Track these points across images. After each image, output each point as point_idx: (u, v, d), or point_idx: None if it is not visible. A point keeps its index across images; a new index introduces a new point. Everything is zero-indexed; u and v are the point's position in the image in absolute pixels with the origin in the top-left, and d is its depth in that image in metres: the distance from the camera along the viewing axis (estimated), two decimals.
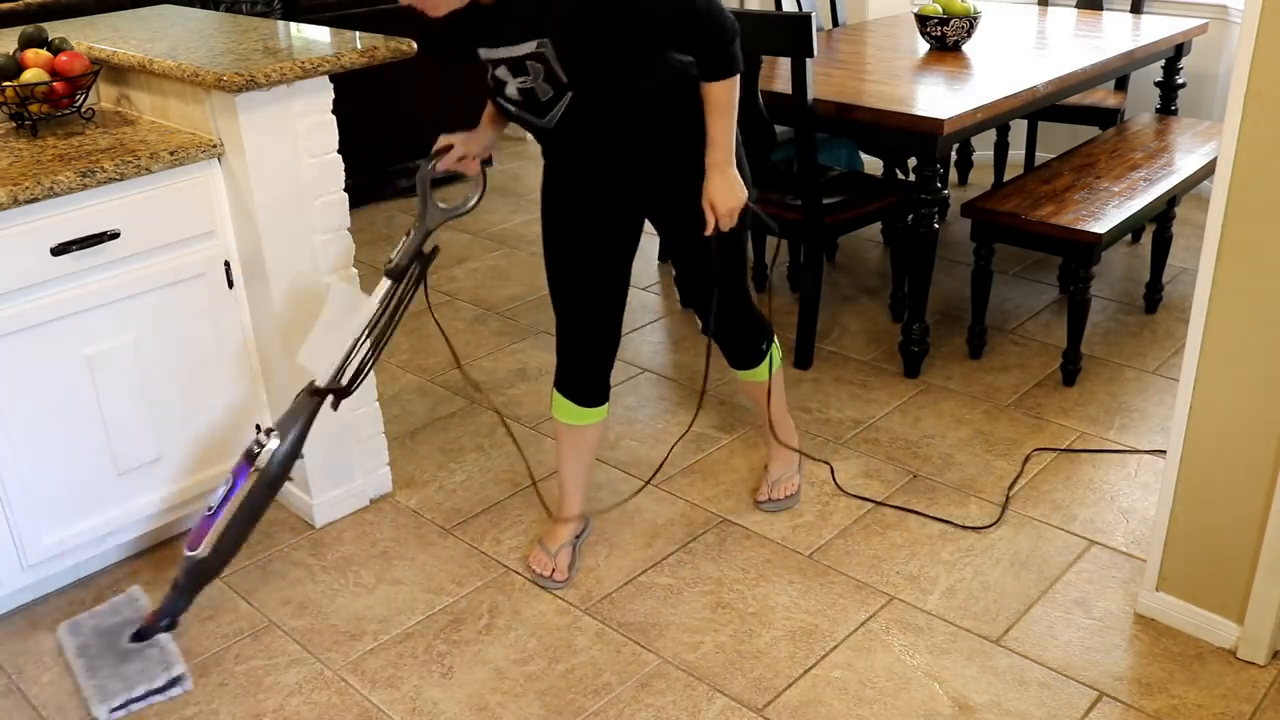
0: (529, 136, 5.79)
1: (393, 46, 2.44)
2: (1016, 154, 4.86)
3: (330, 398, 2.24)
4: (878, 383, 3.23)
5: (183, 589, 2.21)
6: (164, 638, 2.26)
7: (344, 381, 2.25)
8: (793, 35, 2.92)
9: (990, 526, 2.57)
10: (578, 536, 2.54)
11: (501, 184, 5.11)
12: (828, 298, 3.76)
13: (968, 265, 3.59)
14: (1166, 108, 4.12)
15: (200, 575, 2.20)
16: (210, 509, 2.16)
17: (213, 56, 2.34)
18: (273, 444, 2.17)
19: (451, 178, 2.56)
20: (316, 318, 2.31)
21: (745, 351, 2.50)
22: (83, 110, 2.49)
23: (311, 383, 2.23)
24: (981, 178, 4.88)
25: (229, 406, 2.55)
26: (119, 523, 2.45)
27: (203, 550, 2.16)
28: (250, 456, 2.17)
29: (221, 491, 2.16)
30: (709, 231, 2.20)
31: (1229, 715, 2.03)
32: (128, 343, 2.34)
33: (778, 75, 3.35)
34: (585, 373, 2.38)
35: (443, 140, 2.29)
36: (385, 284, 2.27)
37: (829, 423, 3.03)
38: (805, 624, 2.30)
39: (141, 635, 2.25)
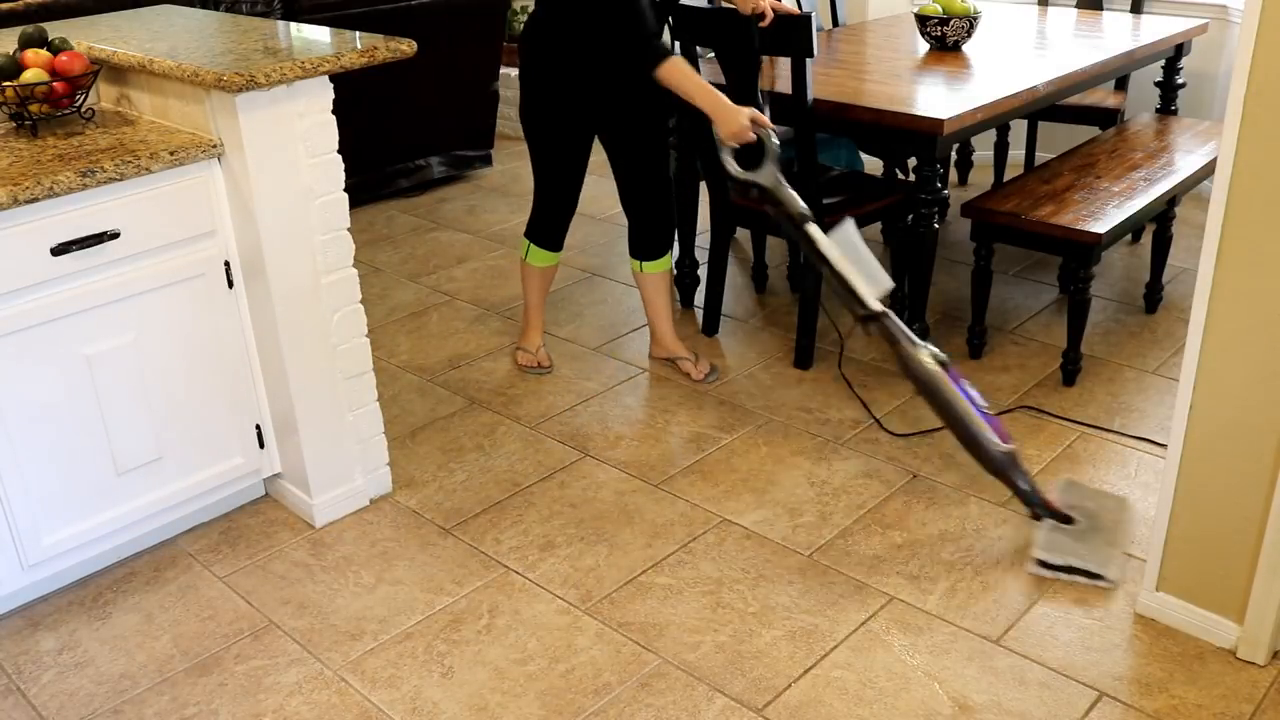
0: None
1: (393, 46, 2.44)
2: (1016, 154, 4.86)
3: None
4: (877, 383, 3.23)
5: (1025, 482, 2.46)
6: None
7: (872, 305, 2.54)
8: (793, 35, 2.91)
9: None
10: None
11: (501, 184, 5.11)
12: (828, 297, 3.76)
13: (968, 265, 3.59)
14: (1166, 108, 4.12)
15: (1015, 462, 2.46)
16: (985, 407, 2.44)
17: (213, 56, 2.34)
18: (931, 347, 2.46)
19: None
20: (838, 265, 2.54)
21: (664, 238, 3.19)
22: (83, 110, 2.49)
23: (874, 307, 2.51)
24: (981, 178, 4.88)
25: (229, 406, 2.55)
26: (119, 523, 2.45)
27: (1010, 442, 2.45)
28: (944, 364, 2.44)
29: (974, 393, 2.44)
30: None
31: (1229, 715, 2.03)
32: (128, 343, 2.35)
33: (778, 75, 3.35)
34: (558, 227, 3.17)
35: (742, 138, 2.71)
36: (814, 228, 2.58)
37: (829, 423, 3.03)
38: (805, 624, 2.30)
39: (1068, 519, 2.50)
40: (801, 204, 2.59)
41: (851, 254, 2.50)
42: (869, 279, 2.49)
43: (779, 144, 2.65)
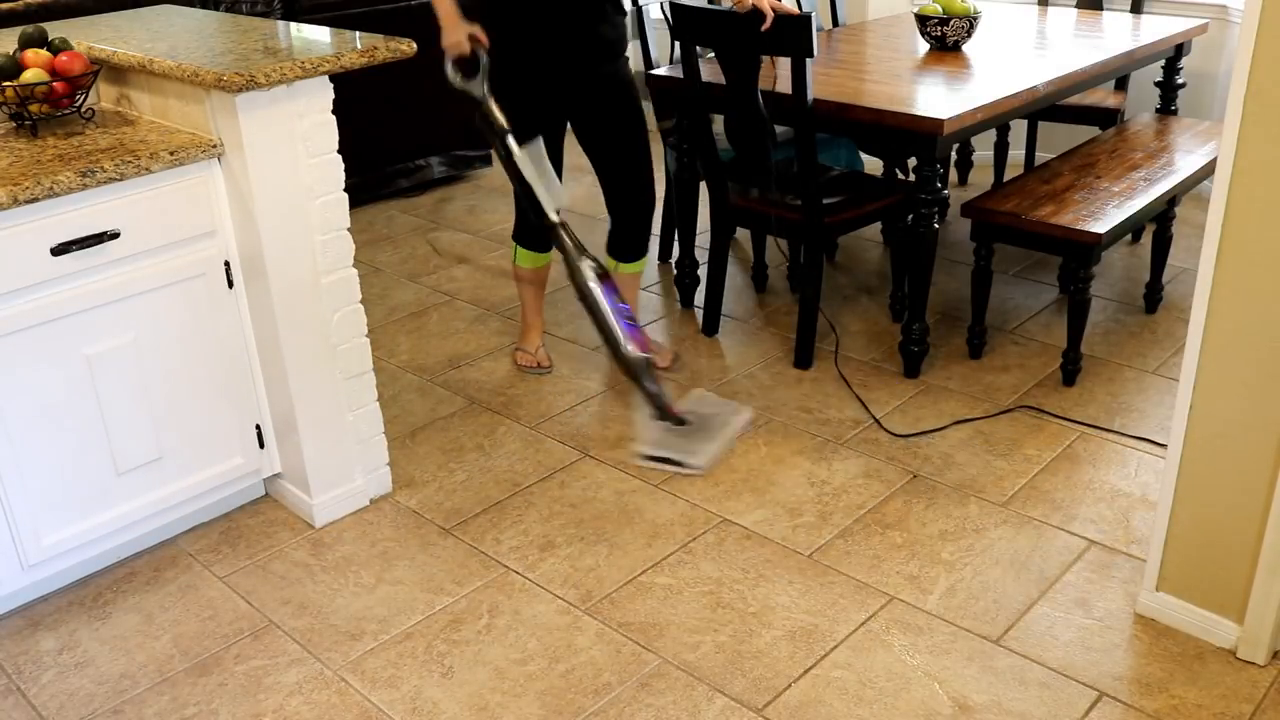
0: None
1: (393, 46, 2.44)
2: (1016, 154, 4.86)
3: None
4: (878, 383, 3.23)
5: (653, 385, 2.86)
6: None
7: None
8: (793, 35, 2.91)
9: None
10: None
11: (502, 184, 5.11)
12: (828, 298, 3.76)
13: (968, 265, 3.59)
14: (1166, 108, 4.12)
15: (651, 367, 2.85)
16: (631, 319, 2.82)
17: (213, 56, 2.34)
18: (593, 260, 2.82)
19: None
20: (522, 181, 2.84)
21: (640, 237, 3.20)
22: (83, 110, 2.49)
23: (551, 218, 2.85)
24: (981, 178, 4.88)
25: (229, 406, 2.55)
26: (119, 523, 2.45)
27: (651, 349, 2.84)
28: (604, 275, 2.81)
29: (621, 305, 2.81)
30: None
31: (1229, 715, 2.03)
32: (128, 343, 2.35)
33: (777, 75, 3.35)
34: (540, 227, 3.08)
35: (458, 50, 2.85)
36: (512, 141, 2.85)
37: (829, 423, 3.03)
38: (805, 624, 2.30)
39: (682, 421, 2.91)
40: (503, 119, 2.83)
41: (540, 169, 2.83)
42: (551, 193, 2.84)
43: (488, 61, 2.84)
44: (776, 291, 3.88)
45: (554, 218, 2.84)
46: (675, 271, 3.78)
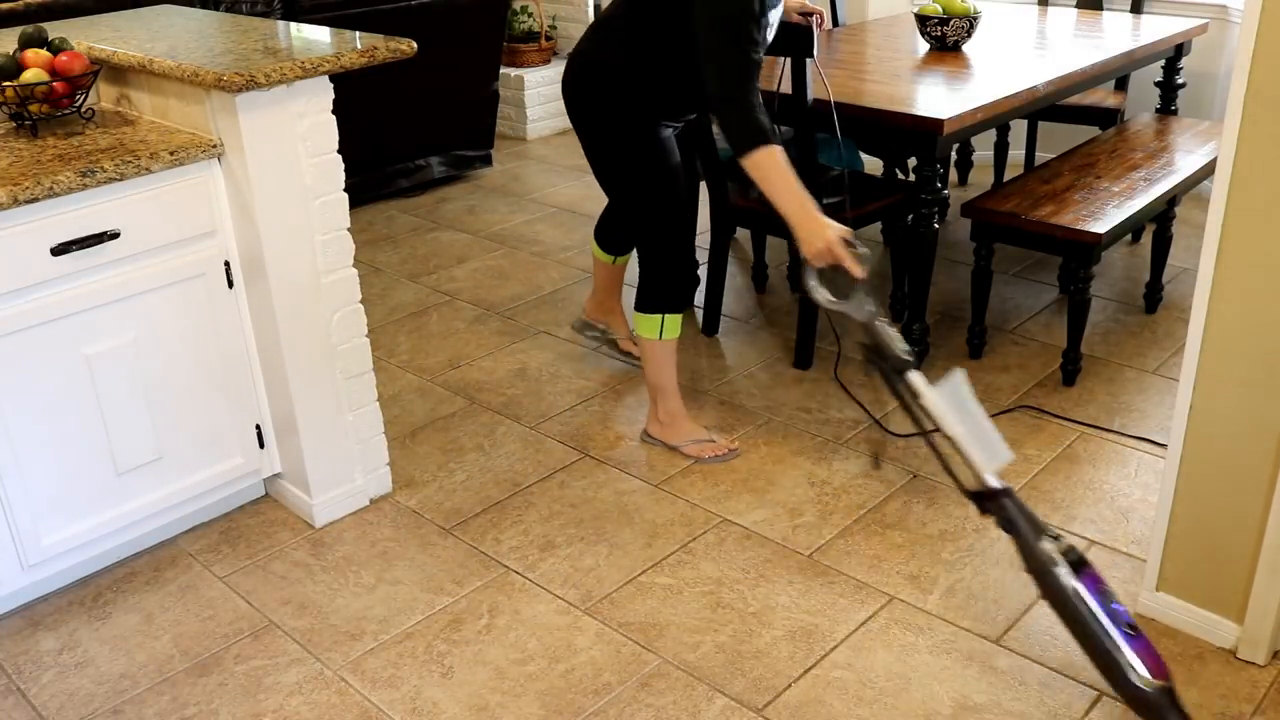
0: (529, 136, 5.79)
1: (393, 46, 2.44)
2: (1016, 154, 4.86)
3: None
4: (878, 382, 3.23)
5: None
6: None
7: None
8: (793, 35, 2.91)
9: None
10: None
11: (501, 184, 5.11)
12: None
13: (968, 265, 3.59)
14: (1166, 108, 4.12)
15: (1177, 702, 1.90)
16: (1132, 628, 1.90)
17: (213, 56, 2.34)
18: (1062, 540, 1.95)
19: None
20: (953, 428, 2.06)
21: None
22: (83, 110, 2.49)
23: (984, 486, 2.03)
24: (981, 178, 4.88)
25: (229, 406, 2.55)
26: (119, 523, 2.45)
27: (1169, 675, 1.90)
28: (1081, 563, 1.93)
29: (1115, 607, 1.91)
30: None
31: (1229, 715, 2.03)
32: (128, 343, 2.35)
33: (777, 75, 3.35)
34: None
35: (835, 251, 2.30)
36: (917, 378, 2.10)
37: (829, 423, 3.03)
38: (805, 624, 2.30)
39: None
40: (902, 345, 2.11)
41: (963, 413, 2.04)
42: (985, 447, 2.02)
43: (869, 267, 2.25)
44: (776, 291, 3.88)
45: (994, 483, 2.01)
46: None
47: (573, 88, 2.73)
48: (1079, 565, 1.93)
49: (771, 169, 2.34)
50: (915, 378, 2.07)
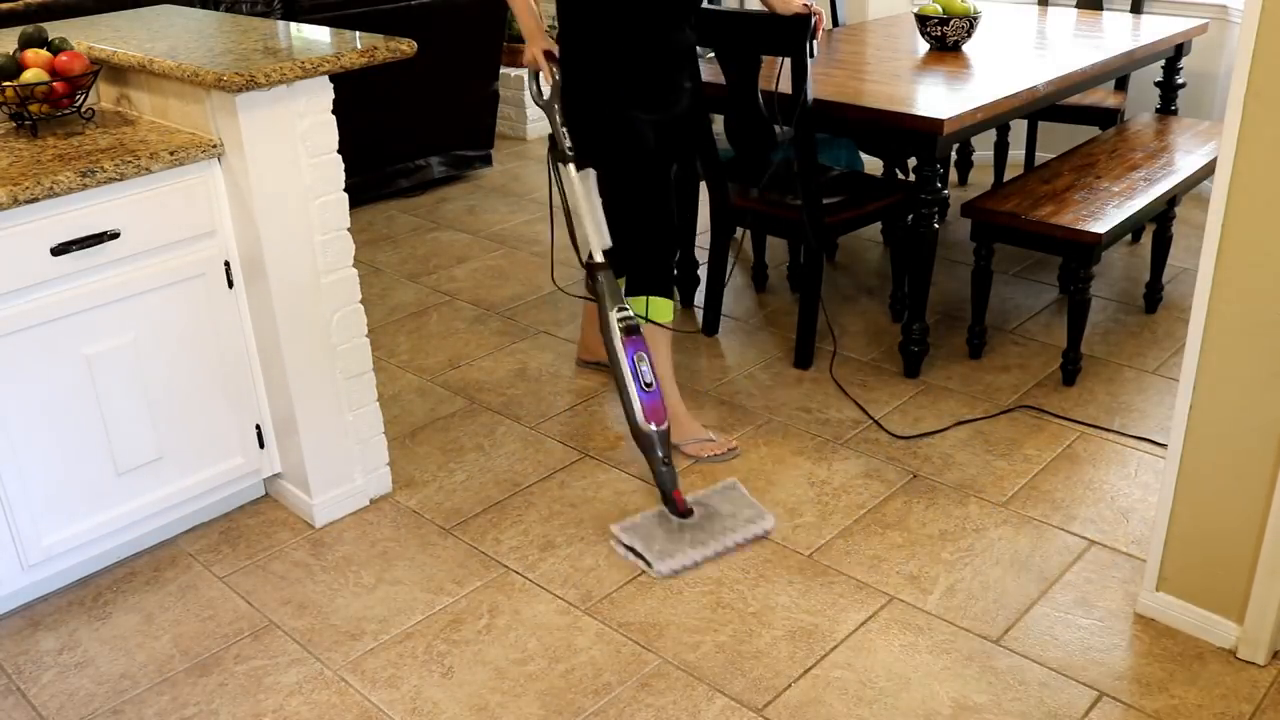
0: (530, 136, 5.79)
1: (393, 46, 2.44)
2: (1016, 154, 4.86)
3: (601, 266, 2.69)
4: (878, 383, 3.23)
5: (663, 465, 2.57)
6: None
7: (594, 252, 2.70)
8: (793, 35, 2.91)
9: None
10: None
11: (501, 184, 5.11)
12: (828, 297, 3.76)
13: (968, 265, 3.59)
14: (1166, 108, 4.12)
15: (666, 442, 2.59)
16: (649, 385, 2.58)
17: (213, 56, 2.34)
18: (626, 311, 2.63)
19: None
20: (570, 207, 2.76)
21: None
22: (83, 110, 2.49)
23: (590, 259, 2.69)
24: (981, 178, 4.88)
25: (229, 406, 2.55)
26: (119, 523, 2.45)
27: (666, 423, 2.60)
28: (632, 329, 2.61)
29: (642, 368, 2.59)
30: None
31: (1229, 715, 2.03)
32: (128, 343, 2.35)
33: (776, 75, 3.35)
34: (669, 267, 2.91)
35: (538, 60, 2.75)
36: (573, 169, 2.73)
37: (829, 423, 3.03)
38: (805, 624, 2.30)
39: (682, 514, 2.58)
40: (567, 141, 2.73)
41: (590, 202, 2.72)
42: (599, 232, 2.71)
43: (557, 79, 2.75)
44: (776, 291, 3.88)
45: (597, 256, 2.68)
46: (675, 271, 3.78)
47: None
48: (632, 330, 2.62)
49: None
50: (571, 169, 2.73)
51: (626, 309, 2.63)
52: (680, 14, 2.73)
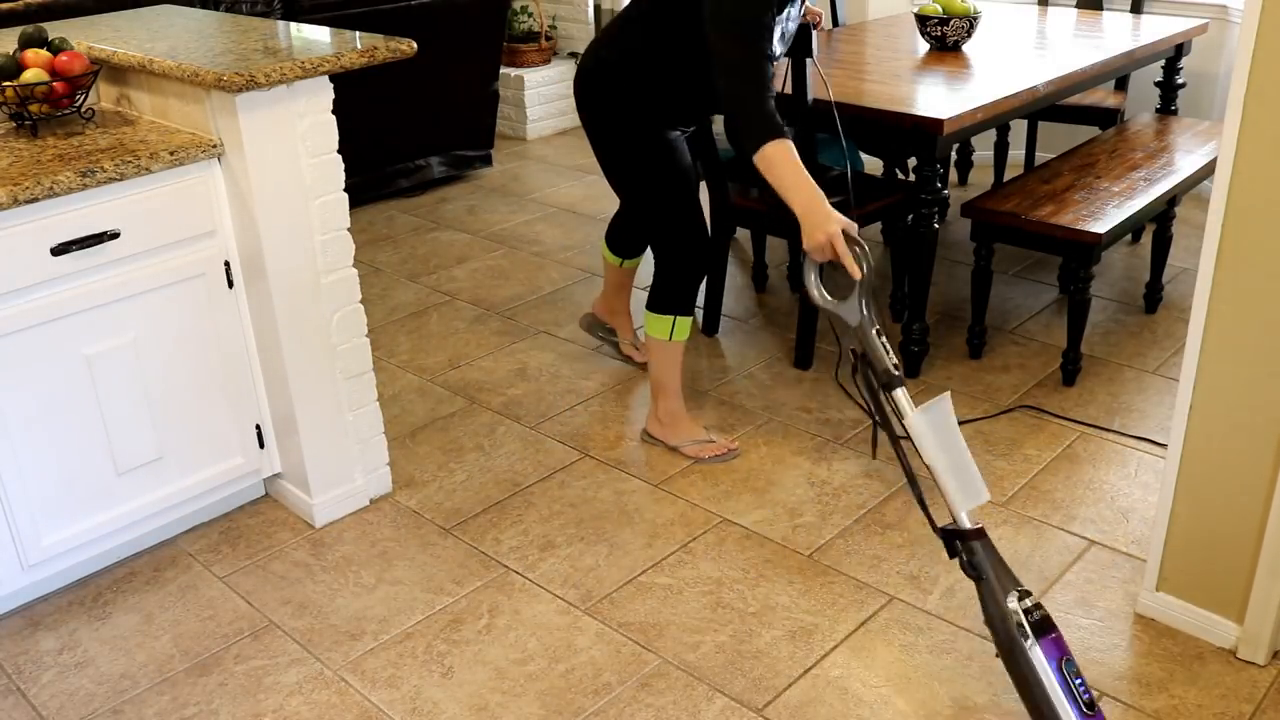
0: (529, 136, 5.79)
1: (393, 46, 2.44)
2: (1016, 154, 4.86)
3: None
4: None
5: None
6: None
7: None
8: (798, 37, 2.91)
9: None
10: None
11: (501, 184, 5.11)
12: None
13: (968, 265, 3.59)
14: (1166, 108, 4.12)
15: None
16: (1090, 707, 1.81)
17: (213, 56, 2.34)
18: (1030, 598, 1.87)
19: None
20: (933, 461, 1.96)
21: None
22: (83, 110, 2.49)
23: (952, 526, 1.95)
24: (981, 178, 4.88)
25: (229, 406, 2.55)
26: (119, 523, 2.45)
27: None
28: (1047, 625, 1.84)
29: (1076, 682, 1.82)
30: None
31: (1229, 715, 2.03)
32: (128, 343, 2.35)
33: (779, 76, 3.35)
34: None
35: (835, 245, 2.19)
36: (904, 399, 2.00)
37: (829, 423, 3.03)
38: (805, 624, 2.30)
39: None
40: (891, 358, 2.00)
41: (946, 441, 1.91)
42: (963, 482, 1.90)
43: (870, 268, 2.11)
44: (776, 291, 3.88)
45: (963, 520, 1.94)
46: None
47: (583, 92, 2.74)
48: (1043, 626, 1.83)
49: (782, 163, 2.31)
50: (901, 395, 1.97)
51: (1029, 594, 1.87)
52: None
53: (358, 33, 2.55)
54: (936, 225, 3.12)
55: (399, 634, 2.32)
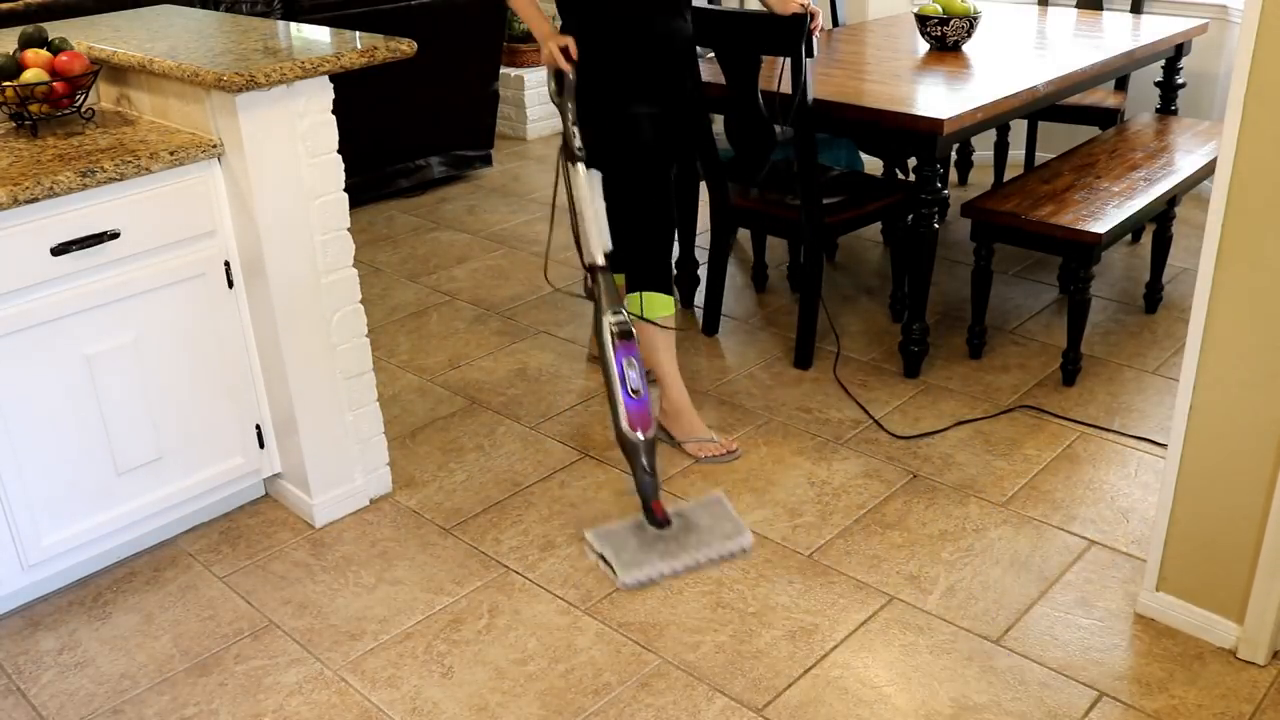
0: (529, 136, 5.79)
1: (393, 46, 2.44)
2: (1016, 154, 4.86)
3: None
4: (878, 383, 3.23)
5: (645, 474, 2.52)
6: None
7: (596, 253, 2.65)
8: (793, 35, 2.91)
9: None
10: None
11: (502, 184, 5.11)
12: (828, 297, 3.75)
13: (968, 265, 3.59)
14: (1166, 108, 4.12)
15: (650, 451, 2.54)
16: (636, 391, 2.53)
17: (213, 56, 2.34)
18: (621, 315, 2.56)
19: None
20: (575, 208, 2.70)
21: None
22: (83, 110, 2.49)
23: (591, 260, 2.63)
24: (981, 178, 4.88)
25: (229, 406, 2.55)
26: (119, 523, 2.45)
27: (652, 430, 2.54)
28: (626, 334, 2.55)
29: (630, 374, 2.53)
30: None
31: (1229, 715, 2.03)
32: (128, 343, 2.35)
33: (777, 75, 3.35)
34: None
35: (555, 56, 2.69)
36: (582, 169, 2.67)
37: (829, 423, 3.03)
38: (805, 624, 2.30)
39: (659, 523, 2.54)
40: (578, 141, 2.67)
41: (597, 205, 2.67)
42: (601, 233, 2.66)
43: (574, 78, 2.70)
44: (776, 291, 3.88)
45: (598, 259, 2.63)
46: (675, 271, 3.78)
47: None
48: (625, 335, 2.56)
49: (519, 4, 2.75)
50: (581, 168, 2.66)
51: (622, 313, 2.58)
52: (675, 2, 2.74)
53: (358, 33, 2.55)
54: (936, 225, 3.12)
55: (399, 634, 2.32)
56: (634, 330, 2.60)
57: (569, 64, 2.70)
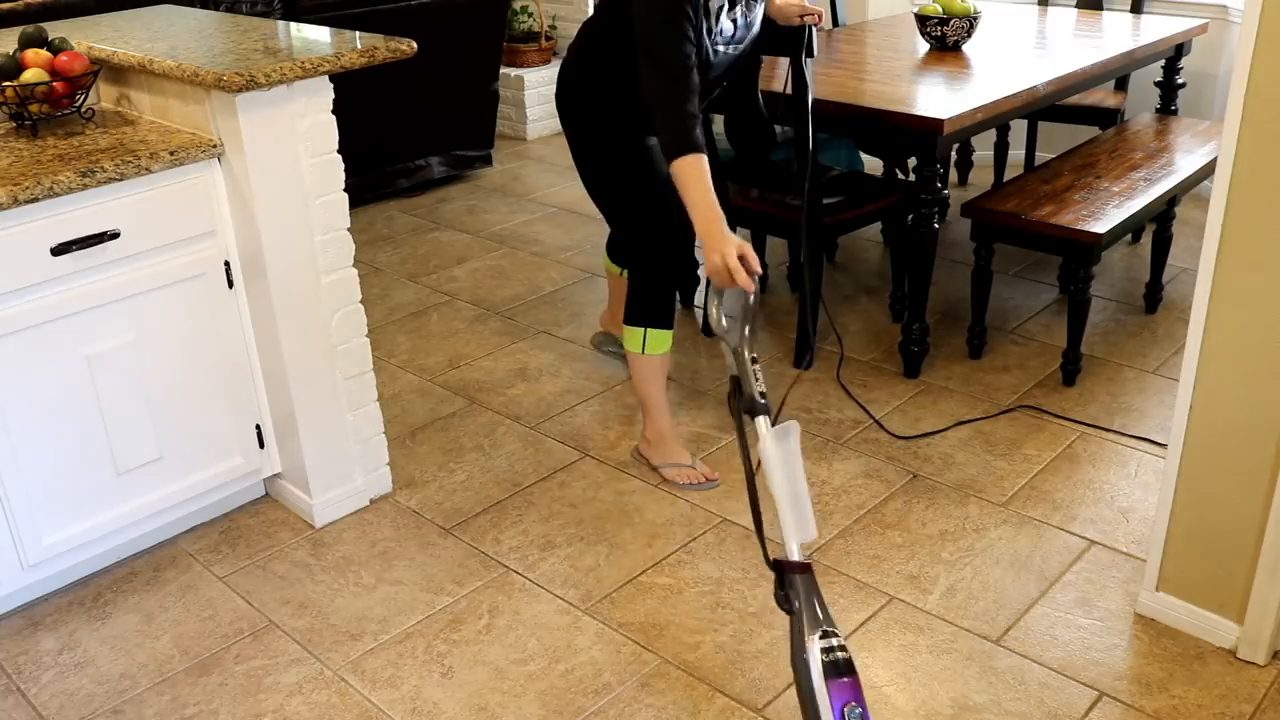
0: (529, 136, 5.79)
1: (393, 46, 2.44)
2: (1016, 154, 4.86)
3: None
4: (878, 383, 3.23)
5: None
6: None
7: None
8: (793, 35, 2.91)
9: None
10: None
11: (502, 184, 5.11)
12: (828, 297, 3.76)
13: (968, 265, 3.59)
14: (1166, 108, 4.12)
15: None
16: None
17: (213, 56, 2.34)
18: (834, 639, 1.79)
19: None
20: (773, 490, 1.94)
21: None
22: (83, 110, 2.49)
23: (781, 559, 1.88)
24: (981, 178, 4.88)
25: (229, 406, 2.55)
26: (119, 523, 2.45)
27: None
28: (842, 668, 1.76)
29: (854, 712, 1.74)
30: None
31: (1229, 715, 2.03)
32: (128, 343, 2.35)
33: (777, 75, 3.35)
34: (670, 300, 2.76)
35: (730, 266, 2.20)
36: (764, 424, 1.97)
37: (829, 423, 3.03)
38: None
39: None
40: (759, 388, 2.01)
41: (790, 474, 1.91)
42: (799, 516, 1.90)
43: (755, 301, 2.17)
44: (776, 291, 3.88)
45: (793, 554, 1.87)
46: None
47: (560, 98, 2.74)
48: (838, 668, 1.76)
49: (693, 183, 2.30)
50: (762, 424, 1.97)
51: (835, 634, 1.80)
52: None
53: (358, 33, 2.55)
54: (936, 225, 3.12)
55: (399, 634, 2.32)
56: (853, 662, 1.79)
57: (751, 281, 2.18)
